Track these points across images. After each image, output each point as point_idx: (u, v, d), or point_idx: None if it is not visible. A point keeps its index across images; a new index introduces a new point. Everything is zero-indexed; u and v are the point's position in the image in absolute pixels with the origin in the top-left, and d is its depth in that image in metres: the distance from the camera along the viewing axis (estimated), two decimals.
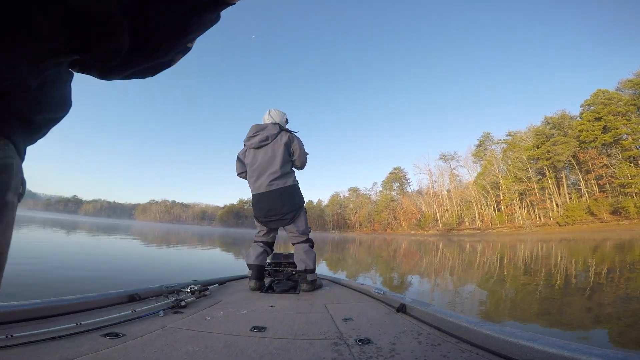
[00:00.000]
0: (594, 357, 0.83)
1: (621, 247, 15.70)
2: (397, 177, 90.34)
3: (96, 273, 6.23)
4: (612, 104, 47.90)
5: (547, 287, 5.96)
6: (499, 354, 1.07)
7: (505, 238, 39.78)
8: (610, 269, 8.63)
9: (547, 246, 20.41)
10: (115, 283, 5.15)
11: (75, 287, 4.61)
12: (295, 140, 2.73)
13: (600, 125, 48.51)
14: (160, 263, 9.37)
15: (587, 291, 5.60)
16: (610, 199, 45.88)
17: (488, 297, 5.57)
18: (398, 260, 13.85)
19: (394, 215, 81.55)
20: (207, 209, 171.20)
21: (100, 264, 7.74)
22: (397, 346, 1.23)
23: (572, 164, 52.39)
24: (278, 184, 2.63)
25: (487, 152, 69.23)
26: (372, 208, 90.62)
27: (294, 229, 2.69)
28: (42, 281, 4.84)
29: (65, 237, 16.92)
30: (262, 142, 2.68)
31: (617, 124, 46.74)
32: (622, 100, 47.49)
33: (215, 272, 5.77)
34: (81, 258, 8.65)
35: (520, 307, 4.69)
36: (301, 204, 2.74)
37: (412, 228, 74.24)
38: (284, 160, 2.65)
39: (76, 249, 11.12)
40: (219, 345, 1.23)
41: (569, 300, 4.74)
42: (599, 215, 44.94)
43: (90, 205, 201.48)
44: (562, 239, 28.55)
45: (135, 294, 1.88)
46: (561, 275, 7.43)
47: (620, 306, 4.27)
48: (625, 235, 29.04)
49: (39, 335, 1.14)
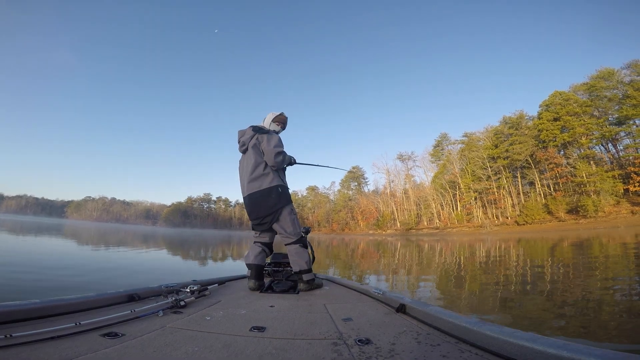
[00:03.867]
0: (594, 357, 0.83)
1: (581, 246, 15.12)
2: (355, 176, 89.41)
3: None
4: (569, 104, 48.94)
5: (505, 285, 5.73)
6: (499, 354, 1.08)
7: (465, 237, 38.94)
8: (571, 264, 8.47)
9: (505, 245, 19.56)
10: None
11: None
12: (264, 140, 2.71)
13: (559, 125, 49.31)
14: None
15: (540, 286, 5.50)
16: (567, 198, 46.31)
17: (444, 294, 5.40)
18: (357, 260, 13.12)
19: (352, 214, 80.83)
20: (152, 208, 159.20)
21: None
22: (397, 346, 1.24)
23: (530, 163, 52.55)
24: (253, 187, 2.68)
25: (445, 151, 69.17)
26: (330, 207, 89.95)
27: (280, 230, 2.70)
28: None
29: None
30: (242, 147, 2.83)
31: (574, 123, 47.59)
32: (578, 101, 48.73)
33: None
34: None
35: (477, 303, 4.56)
36: (280, 205, 2.68)
37: (371, 228, 73.16)
38: (256, 162, 2.70)
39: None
40: (218, 345, 1.24)
41: (525, 298, 4.52)
42: (557, 214, 45.02)
43: (13, 202, 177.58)
44: (520, 239, 27.80)
45: (135, 293, 1.90)
46: (518, 274, 7.03)
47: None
48: (584, 234, 28.02)
49: (38, 335, 1.15)
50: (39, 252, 10.11)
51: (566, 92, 50.76)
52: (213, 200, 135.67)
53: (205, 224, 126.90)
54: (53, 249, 11.42)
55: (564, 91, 51.28)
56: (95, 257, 10.26)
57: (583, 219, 41.01)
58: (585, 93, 49.08)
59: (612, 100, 46.01)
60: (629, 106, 42.28)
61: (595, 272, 6.79)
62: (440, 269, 8.99)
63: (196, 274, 7.70)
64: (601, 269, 7.29)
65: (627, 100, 42.68)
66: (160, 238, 28.20)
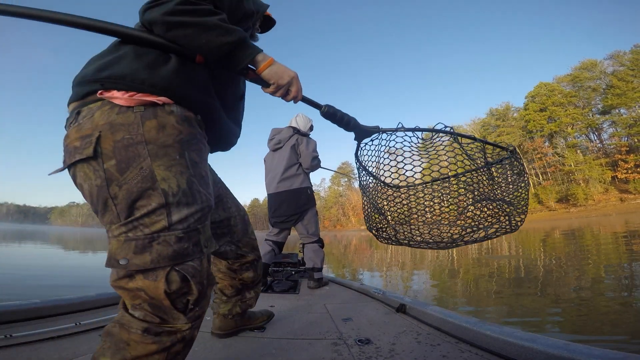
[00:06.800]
0: (594, 357, 0.83)
1: (575, 235, 13.98)
2: (345, 172, 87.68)
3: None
4: (554, 95, 49.43)
5: (498, 278, 5.28)
6: (499, 354, 1.08)
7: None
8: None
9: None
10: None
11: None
12: (303, 142, 2.74)
13: (546, 115, 49.71)
14: None
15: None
16: (556, 187, 46.63)
17: (438, 287, 5.04)
18: (350, 257, 12.52)
19: (343, 211, 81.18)
20: None
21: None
22: (397, 346, 1.24)
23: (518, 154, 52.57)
24: (284, 185, 2.70)
25: (434, 144, 69.44)
26: (321, 204, 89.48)
27: (302, 230, 2.75)
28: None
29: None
30: (276, 145, 2.81)
31: (560, 114, 48.08)
32: (563, 92, 49.28)
33: None
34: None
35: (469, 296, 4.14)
36: (307, 207, 2.74)
37: (362, 224, 71.36)
38: (289, 162, 2.71)
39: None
40: (218, 345, 1.24)
41: (518, 291, 4.15)
42: (547, 203, 45.26)
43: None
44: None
45: None
46: (510, 268, 6.33)
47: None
48: (575, 223, 27.98)
49: (38, 335, 1.15)
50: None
51: (551, 84, 51.38)
52: None
53: None
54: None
55: (549, 82, 51.88)
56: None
57: (573, 208, 41.35)
58: (569, 84, 49.79)
59: (596, 91, 46.58)
60: (614, 95, 42.62)
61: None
62: (434, 263, 8.66)
63: None
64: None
65: (612, 90, 43.07)
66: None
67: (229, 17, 0.82)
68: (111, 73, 0.70)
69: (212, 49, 0.75)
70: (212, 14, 0.75)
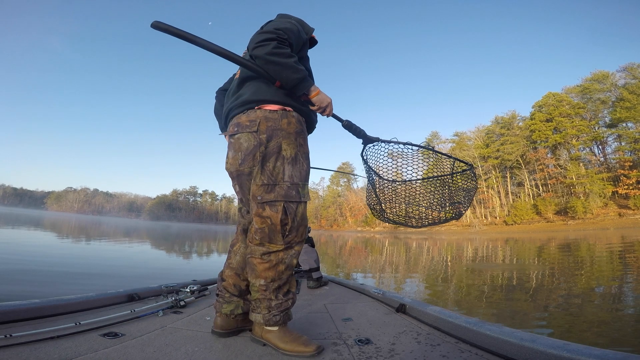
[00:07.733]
0: (594, 357, 0.83)
1: (570, 247, 14.64)
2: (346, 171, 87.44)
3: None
4: (562, 106, 48.69)
5: (491, 285, 5.49)
6: (499, 354, 1.08)
7: (453, 236, 39.04)
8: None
9: (493, 245, 19.51)
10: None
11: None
12: None
13: (551, 126, 49.02)
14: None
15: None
16: (556, 199, 46.19)
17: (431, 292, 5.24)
18: (344, 258, 12.93)
19: (341, 211, 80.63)
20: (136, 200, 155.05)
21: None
22: (397, 346, 1.25)
23: (520, 164, 52.45)
24: None
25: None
26: (319, 203, 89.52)
27: None
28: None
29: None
30: None
31: (566, 125, 47.32)
32: (571, 103, 48.56)
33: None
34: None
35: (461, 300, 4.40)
36: None
37: (359, 225, 72.87)
38: None
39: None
40: (218, 345, 1.25)
41: (509, 295, 4.31)
42: (545, 214, 44.76)
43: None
44: (508, 238, 27.67)
45: (135, 293, 1.88)
46: (505, 275, 6.67)
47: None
48: (572, 235, 27.82)
49: (38, 334, 1.15)
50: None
51: (559, 94, 50.55)
52: (199, 193, 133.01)
53: (190, 217, 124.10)
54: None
55: (557, 92, 51.11)
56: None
57: (571, 220, 40.86)
58: (578, 95, 49.05)
59: (605, 103, 46.05)
60: (622, 109, 42.14)
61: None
62: (428, 267, 8.90)
63: (196, 274, 6.71)
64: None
65: (621, 102, 42.55)
66: (135, 234, 26.70)
67: (295, 48, 1.33)
68: (263, 97, 1.32)
69: (287, 81, 1.26)
70: (290, 57, 1.24)
